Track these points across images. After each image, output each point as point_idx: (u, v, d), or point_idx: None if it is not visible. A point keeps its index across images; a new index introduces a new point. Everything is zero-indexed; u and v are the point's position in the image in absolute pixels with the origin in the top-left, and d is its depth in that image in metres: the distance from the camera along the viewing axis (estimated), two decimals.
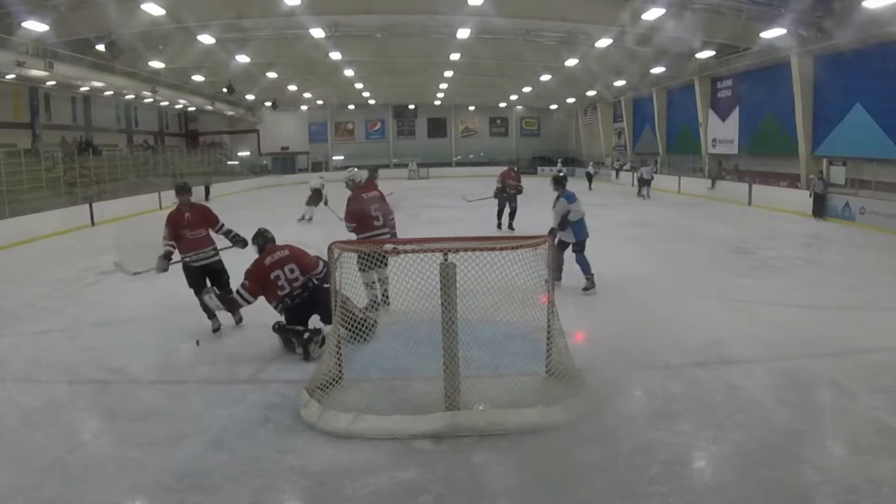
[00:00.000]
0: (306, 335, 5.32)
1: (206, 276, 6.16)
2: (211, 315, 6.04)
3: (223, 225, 6.28)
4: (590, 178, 27.55)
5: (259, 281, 5.53)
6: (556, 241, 7.19)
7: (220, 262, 6.28)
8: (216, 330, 6.05)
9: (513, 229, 12.27)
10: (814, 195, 15.06)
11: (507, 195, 12.38)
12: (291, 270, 5.53)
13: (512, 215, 12.44)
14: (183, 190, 6.34)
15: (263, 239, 5.80)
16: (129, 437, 3.95)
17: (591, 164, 29.80)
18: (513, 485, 3.44)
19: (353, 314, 4.83)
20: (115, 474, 3.50)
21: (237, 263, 6.12)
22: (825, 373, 4.78)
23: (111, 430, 4.10)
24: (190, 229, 6.08)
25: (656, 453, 3.58)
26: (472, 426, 3.88)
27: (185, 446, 3.79)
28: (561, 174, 8.42)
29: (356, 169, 7.25)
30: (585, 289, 7.31)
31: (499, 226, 12.56)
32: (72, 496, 3.30)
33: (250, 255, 5.90)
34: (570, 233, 7.44)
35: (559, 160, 35.08)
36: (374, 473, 3.45)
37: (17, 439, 3.97)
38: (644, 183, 21.65)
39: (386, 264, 5.61)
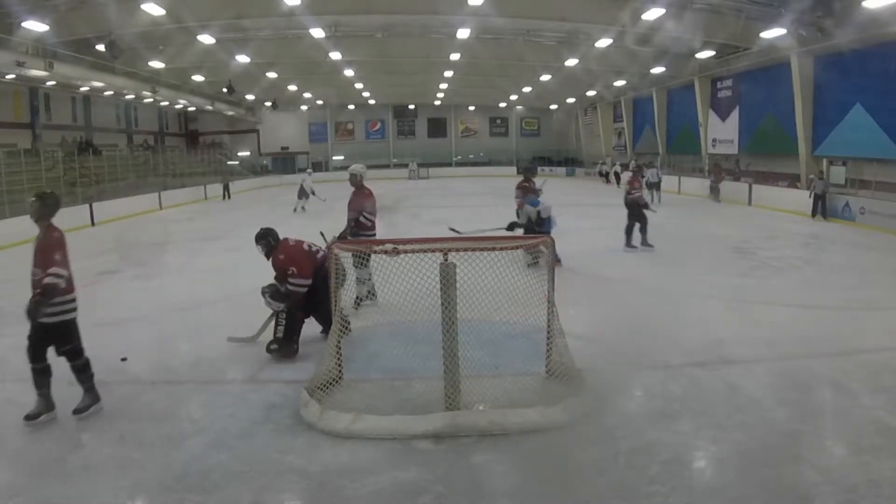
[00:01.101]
0: (272, 344, 5.36)
1: (48, 339, 4.34)
2: (41, 391, 4.29)
3: (55, 274, 4.15)
4: (618, 176, 26.87)
5: (304, 258, 5.37)
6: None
7: (66, 323, 4.33)
8: (31, 417, 4.16)
9: (650, 246, 10.40)
10: (814, 195, 15.01)
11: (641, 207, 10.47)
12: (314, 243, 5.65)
13: (644, 229, 10.43)
14: (35, 201, 4.39)
15: (274, 238, 5.61)
16: (129, 437, 3.95)
17: (616, 162, 29.19)
18: (513, 485, 3.44)
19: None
20: (115, 474, 3.50)
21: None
22: (825, 373, 4.78)
23: (111, 430, 4.10)
24: (33, 264, 4.32)
25: (656, 453, 3.58)
26: (472, 426, 3.88)
27: (185, 446, 3.80)
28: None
29: (364, 166, 7.29)
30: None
31: (629, 243, 10.42)
32: (72, 496, 3.30)
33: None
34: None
35: (615, 162, 29.92)
36: (374, 473, 3.45)
37: (17, 439, 3.97)
38: (652, 186, 18.88)
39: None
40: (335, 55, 20.62)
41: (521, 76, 27.49)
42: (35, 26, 14.37)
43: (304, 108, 38.22)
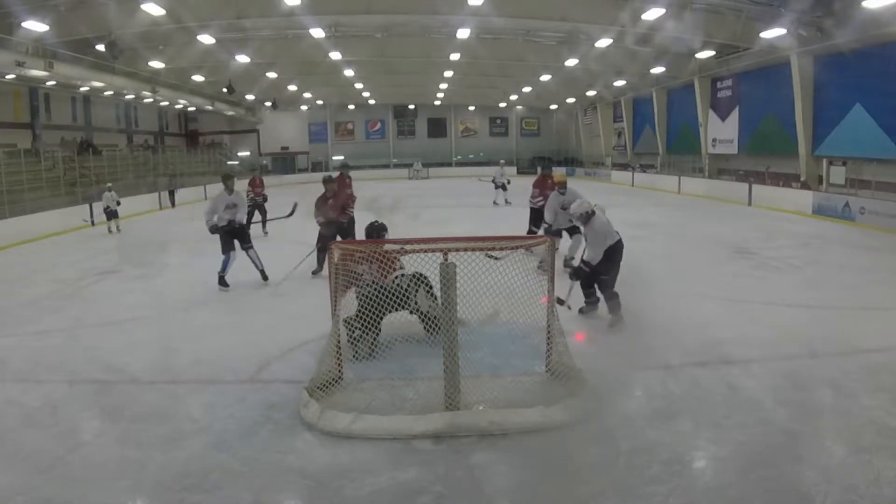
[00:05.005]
0: None
1: None
2: None
3: None
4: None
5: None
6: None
7: None
8: None
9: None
10: None
11: None
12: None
13: None
14: None
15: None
16: (129, 437, 3.95)
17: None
18: (513, 485, 3.44)
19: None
20: (115, 474, 3.50)
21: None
22: (825, 373, 4.77)
23: (111, 430, 4.09)
24: None
25: (656, 453, 3.58)
26: (472, 426, 3.88)
27: (185, 446, 3.79)
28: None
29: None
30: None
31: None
32: (72, 496, 3.30)
33: None
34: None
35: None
36: (374, 473, 3.45)
37: (17, 439, 3.97)
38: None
39: None
40: (335, 55, 20.62)
41: (521, 76, 27.50)
42: (35, 26, 14.36)
43: (304, 108, 38.23)
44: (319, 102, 37.10)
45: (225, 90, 25.43)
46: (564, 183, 8.46)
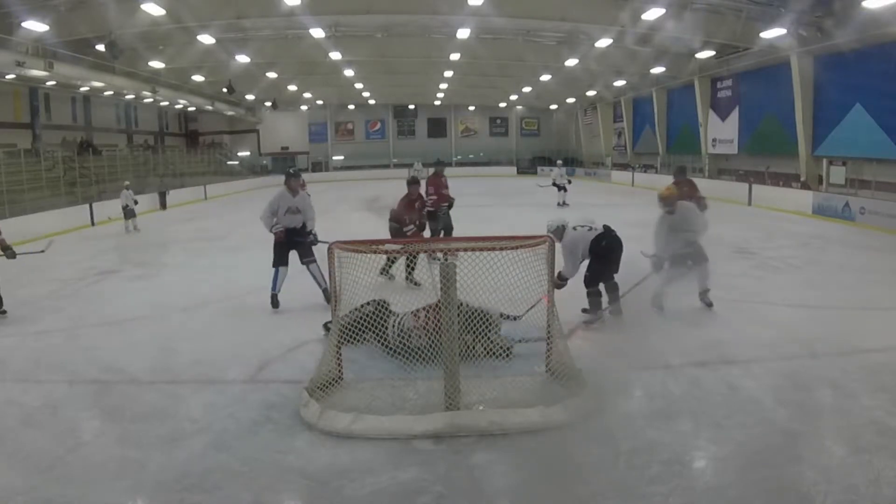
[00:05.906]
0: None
1: None
2: None
3: None
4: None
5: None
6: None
7: None
8: None
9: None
10: None
11: None
12: None
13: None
14: None
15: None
16: (129, 437, 3.95)
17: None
18: (513, 485, 3.44)
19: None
20: (115, 474, 3.50)
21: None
22: (825, 373, 4.77)
23: (111, 430, 4.09)
24: None
25: (656, 453, 3.57)
26: (472, 426, 3.87)
27: (185, 446, 3.79)
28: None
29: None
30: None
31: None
32: (72, 496, 3.29)
33: None
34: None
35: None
36: (374, 473, 3.45)
37: (17, 439, 3.97)
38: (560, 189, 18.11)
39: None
40: (335, 55, 20.64)
41: (521, 76, 27.51)
42: (35, 26, 14.37)
43: (304, 108, 38.24)
44: (319, 102, 37.13)
45: (225, 90, 25.44)
46: (670, 198, 6.51)
